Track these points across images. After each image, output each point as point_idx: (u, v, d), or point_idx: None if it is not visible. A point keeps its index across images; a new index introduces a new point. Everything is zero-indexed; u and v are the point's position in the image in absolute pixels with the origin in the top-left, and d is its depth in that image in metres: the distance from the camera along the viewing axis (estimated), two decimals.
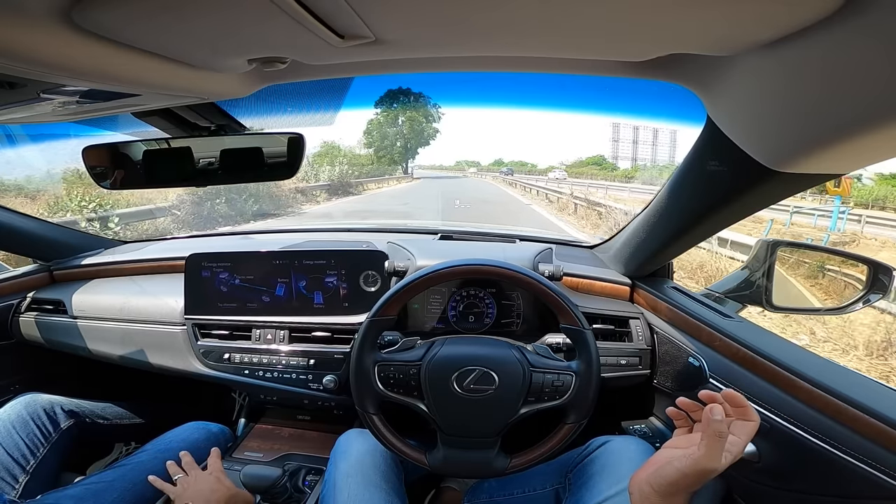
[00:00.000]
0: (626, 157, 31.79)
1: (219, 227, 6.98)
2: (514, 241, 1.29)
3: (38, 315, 1.18)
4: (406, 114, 30.97)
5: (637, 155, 30.57)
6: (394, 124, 31.07)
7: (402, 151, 30.88)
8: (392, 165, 29.07)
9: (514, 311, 1.06)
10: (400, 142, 31.00)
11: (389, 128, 30.98)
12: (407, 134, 31.19)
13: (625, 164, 31.78)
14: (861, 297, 0.89)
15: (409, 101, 30.20)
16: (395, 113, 30.81)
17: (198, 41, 0.46)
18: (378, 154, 29.79)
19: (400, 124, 31.11)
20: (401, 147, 30.87)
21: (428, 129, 32.38)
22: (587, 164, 34.26)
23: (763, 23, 0.40)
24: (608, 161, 33.41)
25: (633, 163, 30.54)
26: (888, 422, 0.56)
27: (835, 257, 1.03)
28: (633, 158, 30.84)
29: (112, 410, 1.14)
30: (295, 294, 1.04)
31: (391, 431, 0.77)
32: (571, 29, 0.45)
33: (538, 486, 0.80)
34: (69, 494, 0.78)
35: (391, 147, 30.53)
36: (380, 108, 29.06)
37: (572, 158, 45.41)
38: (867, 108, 0.40)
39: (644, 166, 27.93)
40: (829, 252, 1.05)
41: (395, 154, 30.62)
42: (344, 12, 0.39)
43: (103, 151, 0.84)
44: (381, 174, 23.87)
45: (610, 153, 33.45)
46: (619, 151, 32.29)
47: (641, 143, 30.11)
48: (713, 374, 0.81)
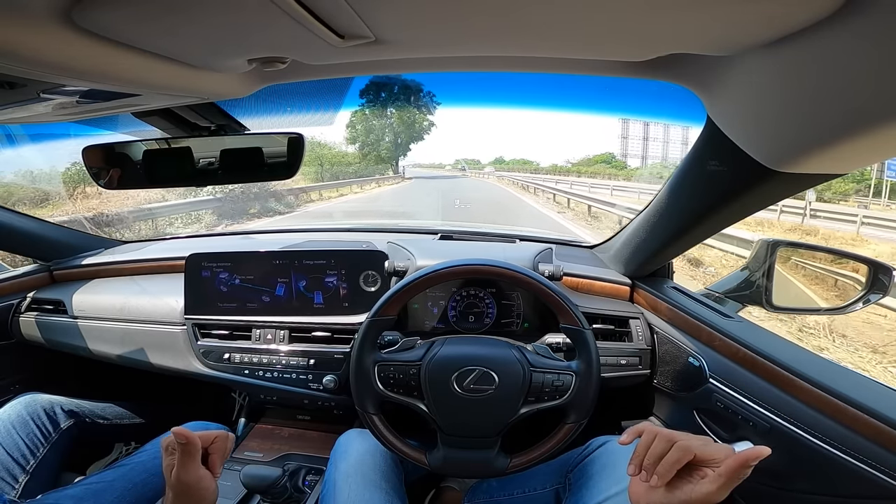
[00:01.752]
0: (635, 155, 29.28)
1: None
2: (514, 241, 1.29)
3: (38, 315, 1.18)
4: (396, 104, 25.31)
5: (648, 152, 28.17)
6: (381, 116, 25.86)
7: (392, 147, 26.30)
8: (381, 164, 24.83)
9: (514, 311, 1.06)
10: (389, 136, 26.37)
11: (376, 120, 25.90)
12: (397, 127, 26.36)
13: (635, 161, 29.14)
14: (861, 297, 0.89)
15: (400, 91, 24.61)
16: (382, 103, 24.61)
17: (198, 41, 0.46)
18: (363, 151, 25.30)
19: (389, 116, 26.08)
20: (390, 142, 26.32)
21: (421, 120, 27.35)
22: (595, 162, 32.09)
23: (763, 23, 0.40)
24: (618, 159, 30.60)
25: (642, 161, 28.25)
26: (888, 422, 0.56)
27: (835, 257, 1.03)
28: (644, 156, 28.50)
29: (112, 410, 1.14)
30: (295, 294, 1.04)
31: (391, 431, 0.77)
32: (571, 29, 0.45)
33: (538, 486, 0.80)
34: (69, 494, 0.78)
35: (377, 143, 25.86)
36: (365, 97, 22.60)
37: (580, 156, 43.27)
38: (867, 108, 0.40)
39: (652, 164, 26.15)
40: (830, 252, 1.05)
41: (384, 150, 25.82)
42: (344, 12, 0.39)
43: (103, 151, 0.84)
44: (369, 174, 20.53)
45: (619, 150, 30.75)
46: (628, 149, 29.63)
47: (652, 140, 27.57)
48: (713, 374, 0.81)
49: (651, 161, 27.08)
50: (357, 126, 25.19)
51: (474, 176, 30.87)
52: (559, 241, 1.42)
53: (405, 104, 25.00)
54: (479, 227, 2.07)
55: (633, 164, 28.99)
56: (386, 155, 25.92)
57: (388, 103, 24.17)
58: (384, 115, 26.06)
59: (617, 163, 30.15)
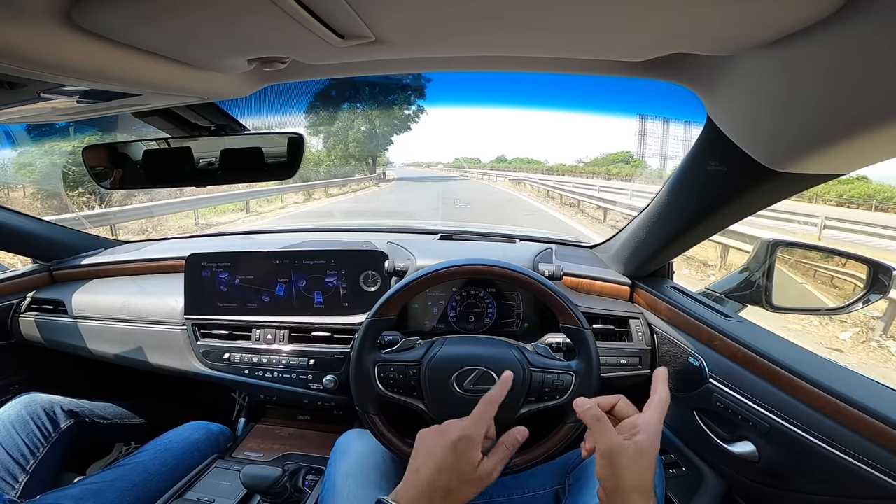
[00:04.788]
0: (653, 154, 25.94)
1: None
2: (514, 241, 1.29)
3: (38, 315, 1.18)
4: (372, 86, 17.08)
5: (667, 151, 25.32)
6: (352, 98, 17.46)
7: (365, 140, 19.04)
8: (351, 162, 18.25)
9: (514, 311, 1.06)
10: (363, 124, 19.18)
11: (345, 103, 17.47)
12: (373, 115, 19.09)
13: (653, 161, 25.87)
14: (861, 297, 0.89)
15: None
16: (354, 85, 16.19)
17: (198, 41, 0.46)
18: (328, 147, 18.27)
19: (363, 99, 18.12)
20: (363, 134, 19.04)
21: (402, 103, 19.36)
22: (612, 161, 28.60)
23: (763, 23, 0.40)
24: (636, 158, 27.20)
25: (661, 160, 25.25)
26: (888, 422, 0.56)
27: (835, 257, 1.03)
28: (662, 154, 25.56)
29: (112, 410, 1.14)
30: (295, 294, 1.04)
31: (391, 431, 0.77)
32: (572, 29, 0.45)
33: (538, 486, 0.80)
34: (69, 494, 0.78)
35: (344, 134, 18.57)
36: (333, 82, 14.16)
37: (593, 154, 39.69)
38: (867, 108, 0.40)
39: (674, 166, 23.61)
40: (829, 252, 1.05)
41: (352, 145, 18.53)
42: (344, 12, 0.39)
43: (103, 151, 0.84)
44: (339, 175, 15.42)
45: (636, 149, 27.23)
46: (646, 147, 26.21)
47: (672, 139, 24.84)
48: (713, 374, 0.81)
49: (672, 161, 23.88)
50: (319, 111, 16.22)
51: (477, 178, 24.14)
52: (559, 241, 1.42)
53: (384, 85, 16.99)
54: (479, 227, 2.07)
55: (653, 164, 25.88)
56: (356, 150, 18.71)
57: (362, 85, 16.37)
58: (355, 98, 17.80)
59: (636, 161, 27.11)
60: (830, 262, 1.03)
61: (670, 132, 24.30)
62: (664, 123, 24.17)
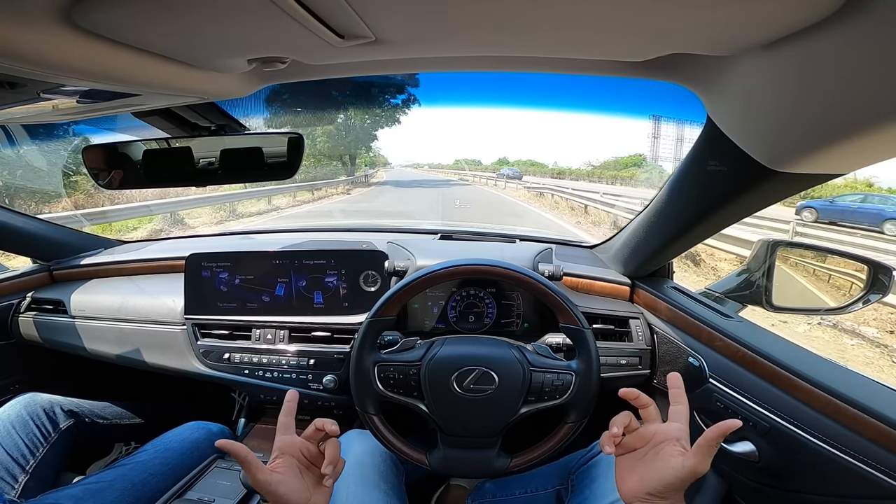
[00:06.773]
0: (667, 158, 24.66)
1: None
2: (513, 241, 1.29)
3: (37, 315, 1.18)
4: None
5: (681, 154, 25.16)
6: (324, 83, 7.18)
7: (338, 135, 14.95)
8: (322, 161, 14.38)
9: (514, 311, 1.06)
10: (340, 116, 14.80)
11: (316, 87, 10.40)
12: (348, 105, 14.13)
13: (668, 165, 25.18)
14: (861, 297, 0.89)
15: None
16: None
17: (198, 41, 0.46)
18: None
19: (339, 87, 11.99)
20: (338, 126, 14.82)
21: (388, 93, 14.79)
22: (626, 165, 26.01)
23: (763, 23, 0.40)
24: (650, 162, 26.68)
25: (675, 164, 25.48)
26: (888, 422, 0.56)
27: (834, 257, 1.03)
28: (676, 158, 24.73)
29: (112, 410, 1.14)
30: (295, 294, 1.04)
31: (391, 432, 0.77)
32: (571, 29, 0.45)
33: (540, 486, 0.80)
34: (69, 494, 0.78)
35: (312, 125, 13.75)
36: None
37: (603, 157, 37.75)
38: (867, 108, 0.40)
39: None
40: (829, 252, 1.05)
41: (320, 140, 14.56)
42: (344, 12, 0.39)
43: (103, 151, 0.84)
44: (308, 179, 12.15)
45: (650, 152, 26.28)
46: (659, 151, 25.37)
47: (688, 142, 24.63)
48: (713, 374, 0.81)
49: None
50: (286, 96, 10.95)
51: (478, 183, 19.24)
52: (559, 241, 1.42)
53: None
54: (479, 227, 2.06)
55: (667, 168, 24.56)
56: (325, 146, 14.44)
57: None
58: (327, 84, 10.33)
59: (650, 165, 26.00)
60: (830, 262, 1.03)
61: (685, 135, 22.85)
62: (678, 126, 22.89)
